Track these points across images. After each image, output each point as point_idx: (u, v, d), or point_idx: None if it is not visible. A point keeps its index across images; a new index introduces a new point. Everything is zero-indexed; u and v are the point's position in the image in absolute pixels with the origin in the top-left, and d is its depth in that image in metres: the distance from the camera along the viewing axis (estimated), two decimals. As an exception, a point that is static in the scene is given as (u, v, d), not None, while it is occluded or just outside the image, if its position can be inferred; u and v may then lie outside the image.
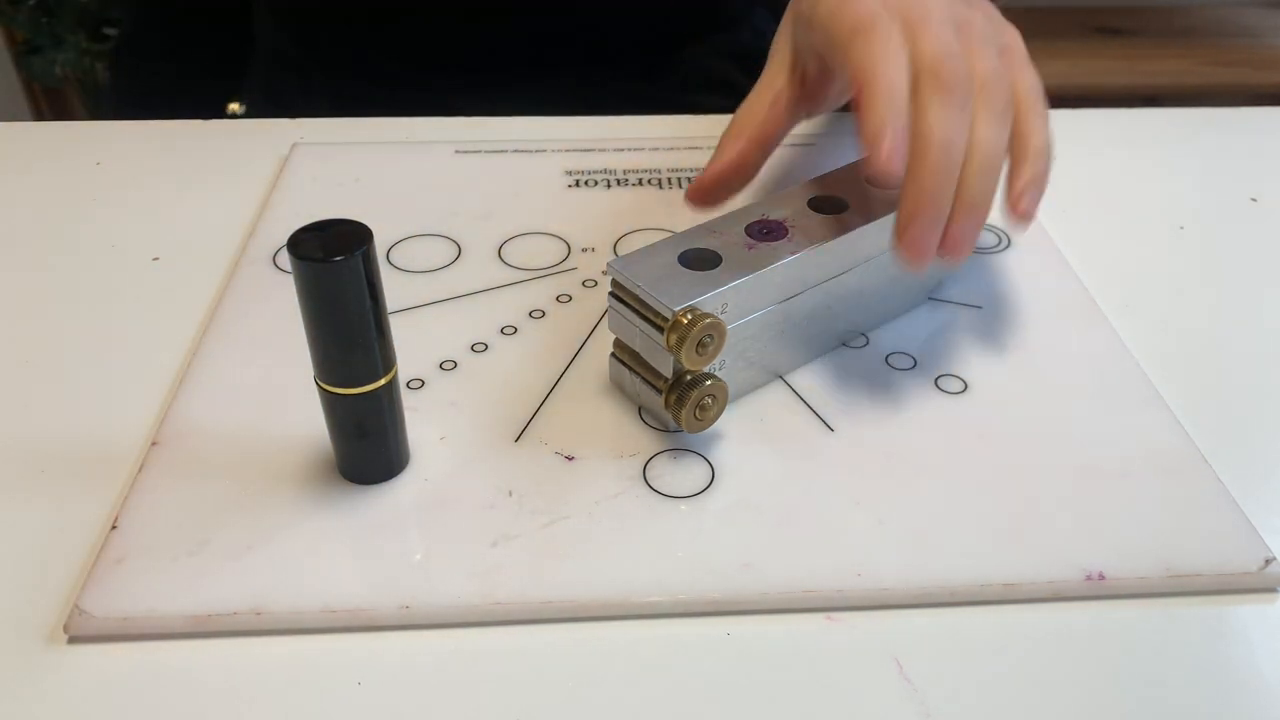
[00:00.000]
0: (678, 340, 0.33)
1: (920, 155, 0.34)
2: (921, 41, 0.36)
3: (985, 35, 0.38)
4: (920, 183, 0.34)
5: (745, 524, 0.33)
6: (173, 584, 0.31)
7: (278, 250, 0.46)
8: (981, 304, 0.43)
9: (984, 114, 0.36)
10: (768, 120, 0.41)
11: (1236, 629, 0.31)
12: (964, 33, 0.37)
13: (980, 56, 0.37)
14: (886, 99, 0.35)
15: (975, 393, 0.39)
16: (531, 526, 0.33)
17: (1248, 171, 0.55)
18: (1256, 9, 1.85)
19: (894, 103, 0.35)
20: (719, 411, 0.36)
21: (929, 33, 0.36)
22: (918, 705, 0.29)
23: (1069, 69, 1.65)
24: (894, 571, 0.32)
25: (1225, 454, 0.37)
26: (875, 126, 0.34)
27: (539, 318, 0.42)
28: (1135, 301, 0.45)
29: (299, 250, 0.29)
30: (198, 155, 0.54)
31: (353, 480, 0.34)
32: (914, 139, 0.34)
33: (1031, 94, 0.39)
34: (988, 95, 0.36)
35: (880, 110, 0.34)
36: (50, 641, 0.30)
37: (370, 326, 0.31)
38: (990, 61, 0.37)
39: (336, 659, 0.30)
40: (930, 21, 0.37)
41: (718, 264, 0.35)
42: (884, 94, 0.35)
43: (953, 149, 0.34)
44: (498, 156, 0.54)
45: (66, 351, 0.40)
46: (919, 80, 0.35)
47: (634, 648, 0.30)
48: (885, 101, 0.35)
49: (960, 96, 0.35)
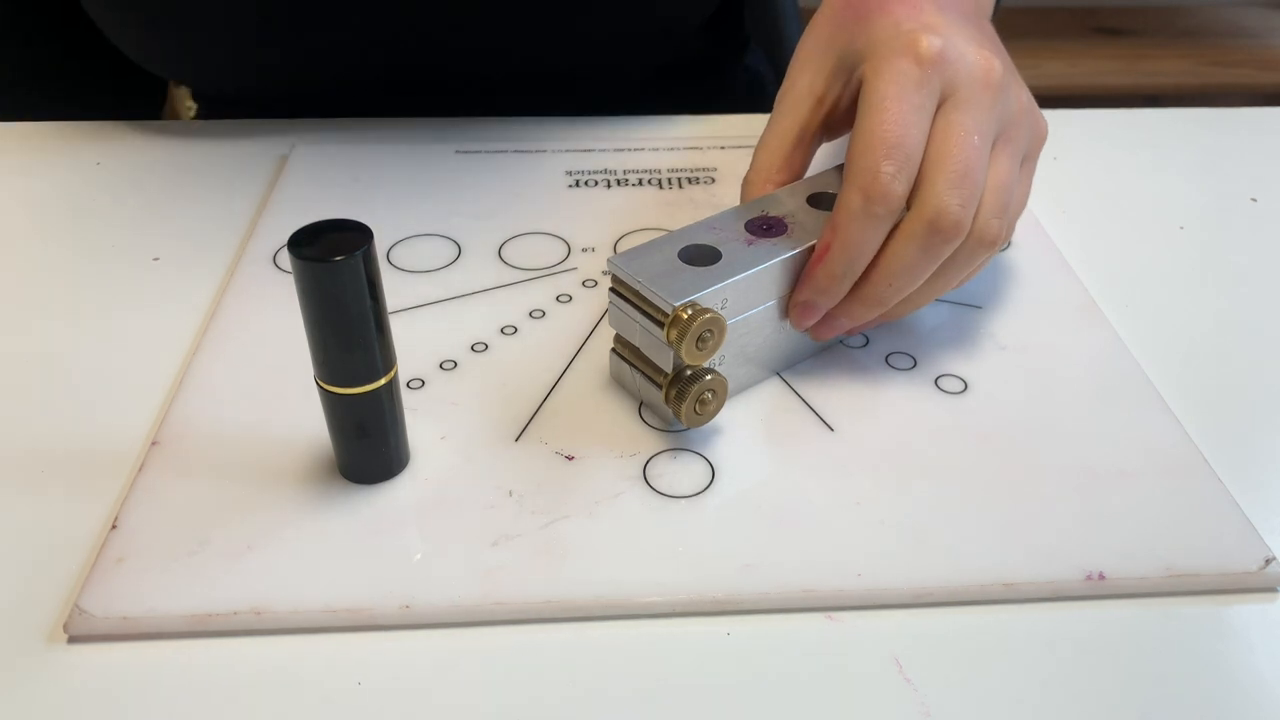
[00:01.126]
0: (678, 335, 0.33)
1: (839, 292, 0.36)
2: (945, 168, 0.34)
3: (1021, 148, 0.37)
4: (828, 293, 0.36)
5: (745, 524, 0.33)
6: (173, 584, 0.31)
7: (278, 250, 0.46)
8: (981, 304, 0.43)
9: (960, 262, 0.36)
10: (793, 162, 0.40)
11: (1236, 629, 0.31)
12: (1005, 144, 0.36)
13: (999, 186, 0.36)
14: (841, 270, 0.35)
15: (975, 393, 0.39)
16: (531, 526, 0.33)
17: (1248, 171, 0.55)
18: (1257, 9, 1.85)
19: (845, 276, 0.36)
20: (719, 406, 0.36)
21: (957, 159, 0.34)
22: (918, 705, 0.29)
23: (1069, 69, 1.65)
24: (894, 571, 0.32)
25: (1225, 454, 0.37)
26: (810, 296, 0.37)
27: (539, 318, 0.42)
28: (1135, 301, 0.45)
29: (299, 250, 0.29)
30: (198, 155, 0.54)
31: (353, 480, 0.34)
32: (875, 272, 0.36)
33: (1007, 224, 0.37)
34: (976, 242, 0.36)
35: (828, 277, 0.36)
36: (50, 641, 0.30)
37: (370, 326, 0.31)
38: (1004, 196, 0.36)
39: (336, 659, 0.30)
40: (986, 117, 0.35)
41: (718, 259, 0.35)
42: (841, 261, 0.35)
43: (904, 289, 0.36)
44: (498, 156, 0.54)
45: (66, 351, 0.40)
46: (911, 223, 0.35)
47: (634, 648, 0.30)
48: (840, 270, 0.35)
49: (943, 250, 0.35)
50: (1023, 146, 0.38)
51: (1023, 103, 0.38)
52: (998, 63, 0.36)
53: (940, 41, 0.35)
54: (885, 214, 0.34)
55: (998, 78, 0.36)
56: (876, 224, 0.34)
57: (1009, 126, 0.37)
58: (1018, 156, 0.37)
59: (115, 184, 0.51)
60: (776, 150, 0.40)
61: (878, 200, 0.34)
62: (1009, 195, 0.36)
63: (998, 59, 0.36)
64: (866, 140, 0.34)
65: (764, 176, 0.40)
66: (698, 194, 0.51)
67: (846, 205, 0.35)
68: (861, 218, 0.34)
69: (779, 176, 0.40)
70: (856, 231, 0.35)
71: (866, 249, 0.35)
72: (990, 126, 0.36)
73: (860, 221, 0.34)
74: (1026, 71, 0.41)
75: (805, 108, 0.40)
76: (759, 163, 0.40)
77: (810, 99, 0.40)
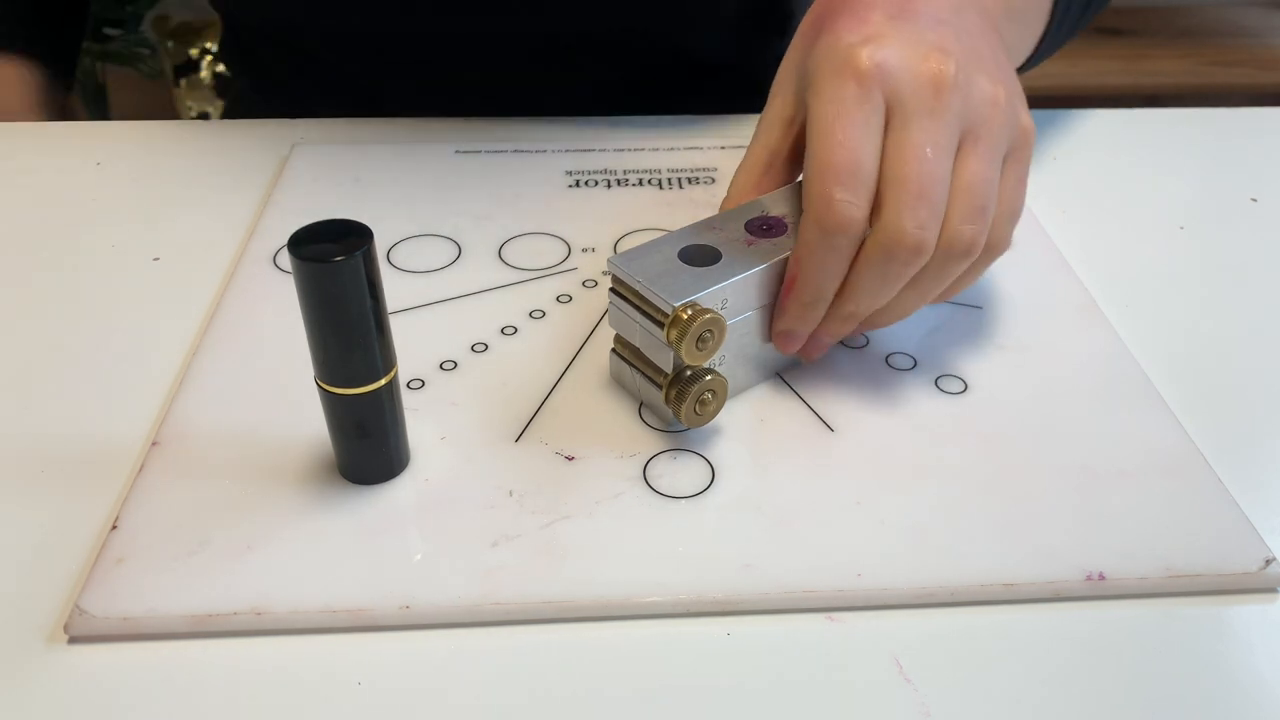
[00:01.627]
0: (678, 335, 0.33)
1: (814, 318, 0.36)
2: (900, 189, 0.33)
3: (994, 144, 0.35)
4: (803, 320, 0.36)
5: (745, 524, 0.33)
6: (173, 584, 0.31)
7: (278, 250, 0.46)
8: (981, 304, 0.43)
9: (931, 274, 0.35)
10: (764, 187, 0.40)
11: (1236, 629, 0.31)
12: (973, 143, 0.35)
13: (970, 189, 0.34)
14: (810, 298, 0.35)
15: (975, 393, 0.39)
16: (531, 526, 0.33)
17: (1248, 171, 0.55)
18: (1257, 9, 1.85)
19: (816, 303, 0.36)
20: (719, 407, 0.36)
21: (911, 179, 0.33)
22: (918, 705, 0.29)
23: (1069, 69, 1.65)
24: (894, 571, 0.32)
25: (1225, 454, 0.37)
26: (787, 326, 0.37)
27: (539, 318, 0.42)
28: (1135, 301, 0.45)
29: (299, 250, 0.29)
30: (198, 155, 0.54)
31: (353, 480, 0.34)
32: (843, 293, 0.36)
33: (999, 229, 0.36)
34: (945, 254, 0.34)
35: (799, 306, 0.36)
36: (50, 641, 0.30)
37: (370, 326, 0.31)
38: (980, 197, 0.34)
39: (336, 659, 0.30)
40: (932, 123, 0.34)
41: (718, 260, 0.35)
42: (809, 291, 0.35)
43: (864, 307, 0.36)
44: (498, 156, 0.54)
45: (66, 351, 0.40)
46: (871, 247, 0.34)
47: (634, 648, 0.30)
48: (809, 299, 0.36)
49: (904, 273, 0.34)
50: (998, 144, 0.35)
51: (997, 100, 0.35)
52: (950, 64, 0.34)
53: (880, 53, 0.34)
54: (845, 242, 0.34)
55: (949, 79, 0.34)
56: (836, 254, 0.34)
57: (976, 125, 0.35)
58: (993, 154, 0.35)
59: (115, 184, 0.51)
60: (746, 177, 0.40)
61: (834, 230, 0.33)
62: (984, 197, 0.34)
63: (951, 61, 0.34)
64: (817, 169, 0.34)
65: (735, 203, 0.40)
66: (698, 194, 0.51)
67: (805, 239, 0.34)
68: (821, 249, 0.34)
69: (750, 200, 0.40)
70: (818, 263, 0.34)
71: (831, 276, 0.35)
72: (945, 134, 0.34)
73: (820, 253, 0.34)
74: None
75: (775, 133, 0.39)
76: (731, 190, 0.40)
77: (780, 124, 0.39)
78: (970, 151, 0.35)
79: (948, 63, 0.34)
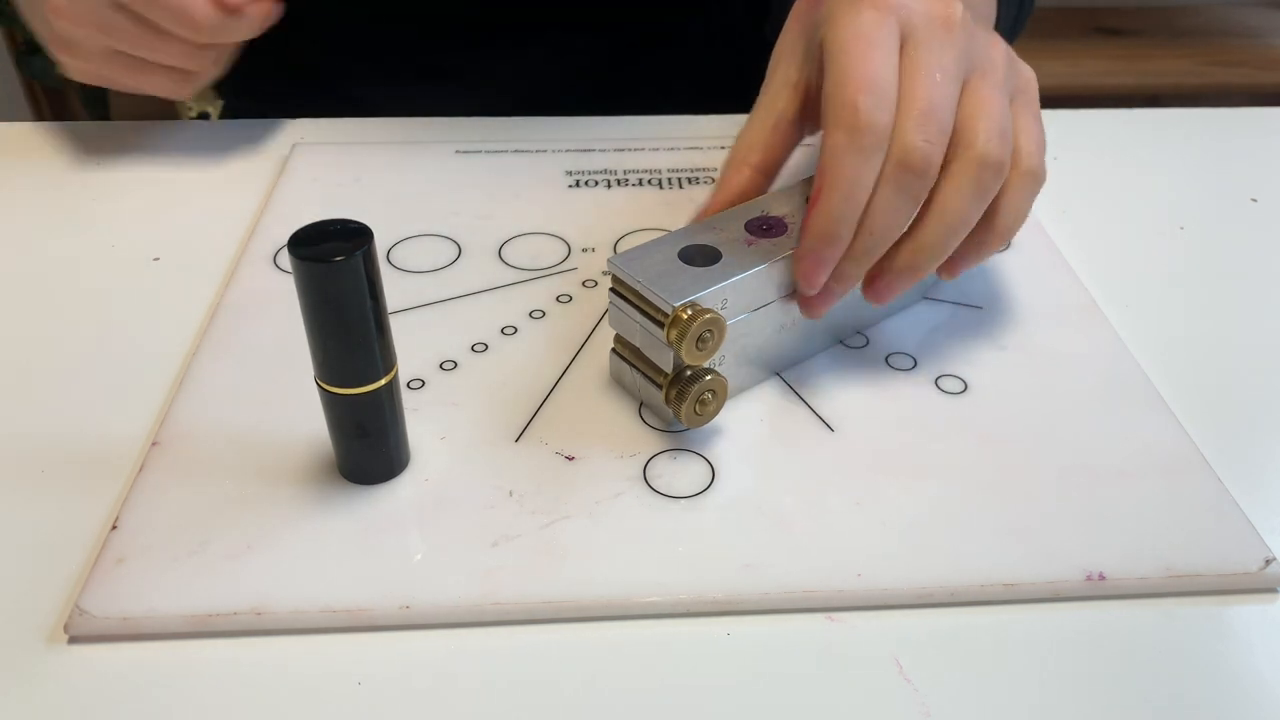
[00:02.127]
0: (678, 335, 0.33)
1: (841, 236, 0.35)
2: (909, 108, 0.34)
3: (1000, 81, 0.37)
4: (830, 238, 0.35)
5: (745, 524, 0.33)
6: (173, 584, 0.31)
7: (278, 250, 0.46)
8: (981, 304, 0.43)
9: (964, 183, 0.35)
10: (770, 146, 0.40)
11: (1236, 629, 0.31)
12: (981, 77, 0.36)
13: (987, 113, 0.35)
14: (839, 210, 0.34)
15: (975, 393, 0.39)
16: (531, 526, 0.33)
17: (1248, 171, 0.55)
18: (1257, 9, 1.85)
19: (843, 219, 0.35)
20: (719, 407, 0.36)
21: (920, 98, 0.34)
22: (918, 705, 0.29)
23: (1069, 69, 1.65)
24: (894, 571, 0.32)
25: (1225, 454, 0.37)
26: (811, 245, 0.35)
27: (539, 318, 0.42)
28: (1135, 301, 0.45)
29: (299, 250, 0.29)
30: (198, 155, 0.54)
31: (353, 480, 0.34)
32: (860, 222, 0.35)
33: (1026, 155, 0.37)
34: (981, 163, 0.35)
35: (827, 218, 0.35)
36: (50, 641, 0.30)
37: (370, 326, 0.31)
38: (998, 118, 0.35)
39: (336, 659, 0.30)
40: (945, 51, 0.35)
41: (718, 260, 0.35)
42: (837, 200, 0.34)
43: (888, 235, 0.35)
44: (498, 156, 0.54)
45: (66, 351, 0.40)
46: (885, 166, 0.34)
47: (634, 648, 0.30)
48: (837, 211, 0.34)
49: (917, 188, 0.35)
50: (1003, 81, 0.37)
51: (999, 48, 0.38)
52: (958, 6, 0.36)
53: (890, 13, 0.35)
54: (872, 145, 0.34)
55: (958, 17, 0.36)
56: (865, 157, 0.34)
57: (982, 63, 0.36)
58: (1000, 88, 0.37)
59: (115, 184, 0.51)
60: (752, 134, 0.40)
61: (862, 132, 0.34)
62: (1001, 118, 0.35)
63: (958, 5, 0.36)
64: (838, 82, 0.34)
65: (739, 158, 0.40)
66: (698, 194, 0.51)
67: (832, 146, 0.34)
68: (850, 152, 0.34)
69: (753, 159, 0.40)
70: (847, 167, 0.34)
71: (860, 185, 0.34)
72: (953, 63, 0.35)
73: (849, 156, 0.34)
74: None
75: (782, 97, 0.40)
76: (734, 147, 0.40)
77: (786, 88, 0.40)
78: (979, 83, 0.36)
79: (955, 5, 0.36)
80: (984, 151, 0.35)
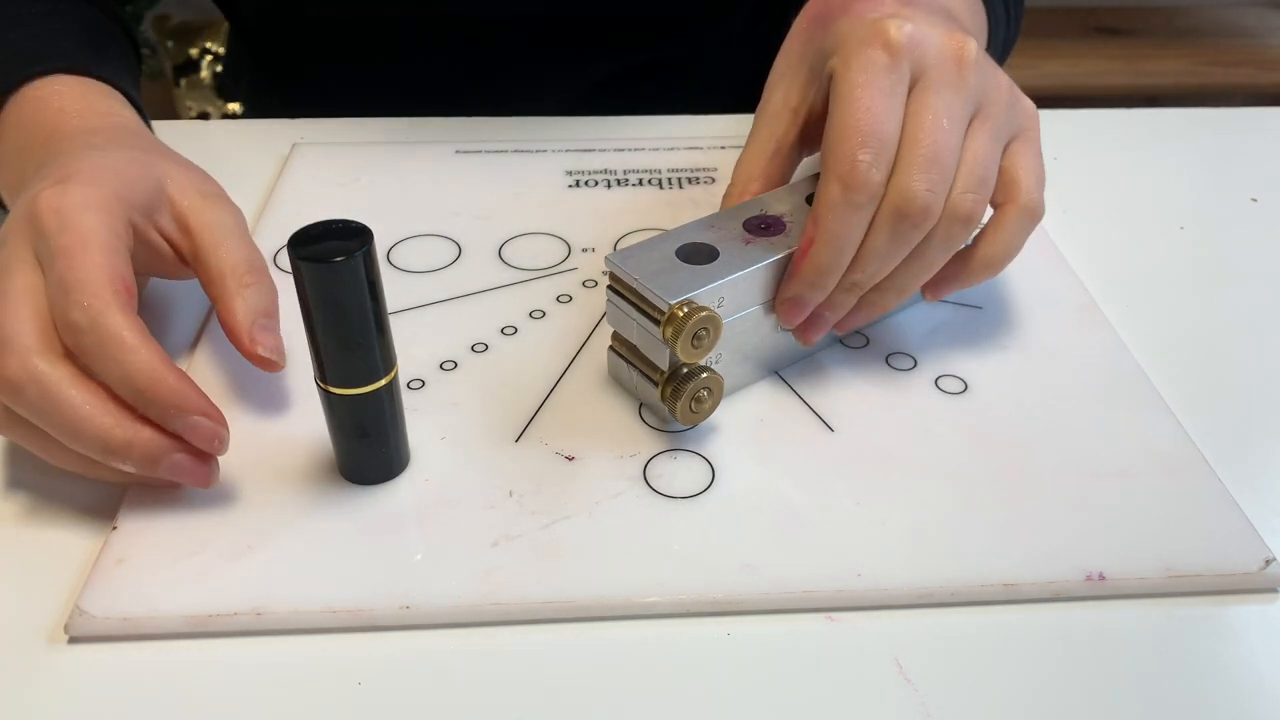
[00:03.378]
0: (673, 333, 0.33)
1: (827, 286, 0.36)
2: (913, 153, 0.34)
3: (1000, 124, 0.37)
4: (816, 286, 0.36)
5: (745, 524, 0.33)
6: (173, 584, 0.31)
7: (278, 250, 0.46)
8: (981, 304, 0.43)
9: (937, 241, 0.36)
10: (768, 175, 0.40)
11: (1236, 629, 0.31)
12: (982, 120, 0.36)
13: (970, 163, 0.35)
14: (827, 261, 0.35)
15: (975, 393, 0.39)
16: (531, 526, 0.33)
17: (1248, 171, 0.55)
18: (1256, 9, 1.85)
19: (832, 267, 0.35)
20: (714, 405, 0.36)
21: (925, 144, 0.34)
22: (918, 705, 0.29)
23: (1069, 69, 1.65)
24: (894, 571, 0.32)
25: (1225, 454, 0.37)
26: (797, 291, 0.36)
27: (539, 318, 0.42)
28: (1135, 301, 0.45)
29: (299, 250, 0.29)
30: (198, 155, 0.54)
31: (353, 480, 0.34)
32: (853, 260, 0.35)
33: (1024, 191, 0.37)
34: (950, 220, 0.35)
35: (815, 270, 0.35)
36: (50, 641, 0.30)
37: (370, 326, 0.31)
38: (981, 171, 0.35)
39: (336, 659, 0.30)
40: (955, 97, 0.35)
41: (715, 258, 0.35)
42: (826, 254, 0.35)
43: (878, 276, 0.36)
44: (498, 156, 0.54)
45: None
46: (882, 208, 0.34)
47: (634, 648, 0.30)
48: (826, 262, 0.35)
49: (913, 236, 0.35)
50: (1003, 125, 0.37)
51: (1002, 83, 0.38)
52: (971, 44, 0.36)
53: (909, 26, 0.35)
54: (865, 201, 0.34)
55: (971, 56, 0.36)
56: (857, 212, 0.34)
57: (986, 104, 0.37)
58: (997, 134, 0.37)
59: (115, 184, 0.51)
60: (752, 163, 0.40)
61: (857, 189, 0.34)
62: (986, 170, 0.36)
63: (971, 41, 0.36)
64: (841, 130, 0.34)
65: (739, 189, 0.40)
66: (698, 194, 0.51)
67: (826, 197, 0.34)
68: (842, 207, 0.34)
69: (754, 187, 0.40)
70: (838, 222, 0.34)
71: (850, 239, 0.35)
72: (961, 107, 0.35)
73: (841, 211, 0.34)
74: (1026, 71, 0.41)
75: (781, 122, 0.40)
76: (735, 176, 0.41)
77: (786, 112, 0.40)
78: (979, 128, 0.36)
79: (969, 42, 0.36)
80: (957, 202, 0.35)
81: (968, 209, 0.35)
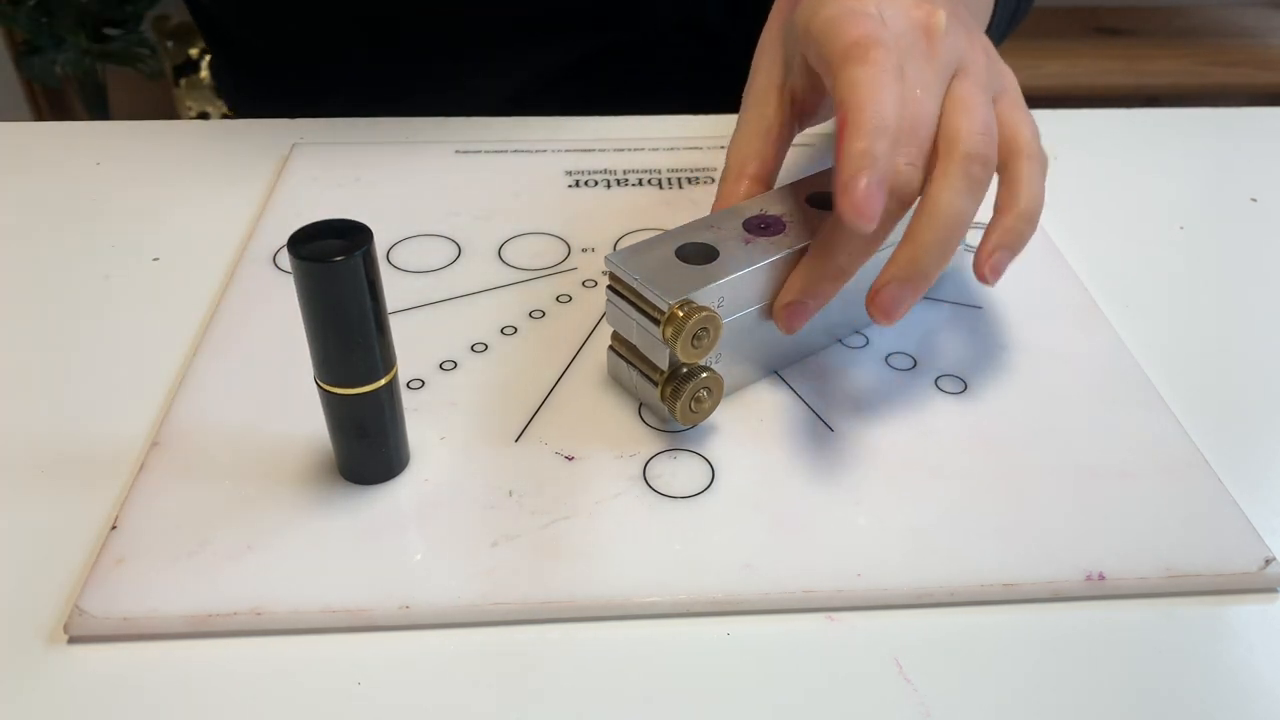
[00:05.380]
0: (673, 333, 0.33)
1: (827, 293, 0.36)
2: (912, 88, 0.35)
3: (984, 81, 0.37)
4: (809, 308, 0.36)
5: (745, 524, 0.33)
6: (173, 584, 0.31)
7: (278, 250, 0.46)
8: (981, 304, 0.43)
9: (956, 181, 0.34)
10: (763, 155, 0.40)
11: (1236, 629, 0.31)
12: (963, 78, 0.36)
13: (972, 109, 0.35)
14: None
15: (975, 393, 0.39)
16: (531, 526, 0.33)
17: (1248, 171, 0.55)
18: (1256, 9, 1.85)
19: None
20: (714, 405, 0.36)
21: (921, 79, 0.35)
22: (918, 705, 0.29)
23: (1069, 69, 1.65)
24: (894, 571, 0.32)
25: (1225, 454, 0.37)
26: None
27: (539, 318, 0.42)
28: (1135, 301, 0.45)
29: (299, 250, 0.29)
30: (198, 155, 0.54)
31: (353, 480, 0.34)
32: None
33: (1027, 142, 0.37)
34: (968, 158, 0.35)
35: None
36: (50, 641, 0.30)
37: (370, 326, 0.31)
38: (982, 115, 0.35)
39: (336, 659, 0.30)
40: (925, 65, 0.35)
41: (715, 258, 0.35)
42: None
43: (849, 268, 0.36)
44: (498, 156, 0.54)
45: (66, 351, 0.40)
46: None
47: (634, 648, 0.30)
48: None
49: (898, 213, 0.35)
50: (986, 82, 0.37)
51: (980, 48, 0.38)
52: (939, 13, 0.36)
53: (872, 4, 0.35)
54: (896, 207, 0.34)
55: (939, 25, 0.36)
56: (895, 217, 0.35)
57: (965, 65, 0.36)
58: (984, 87, 0.37)
59: (115, 184, 0.51)
60: (745, 144, 0.40)
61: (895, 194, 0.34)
62: (986, 116, 0.35)
63: (940, 11, 0.36)
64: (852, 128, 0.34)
65: (735, 172, 0.40)
66: (698, 194, 0.51)
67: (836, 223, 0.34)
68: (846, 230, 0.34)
69: (750, 169, 0.40)
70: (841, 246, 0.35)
71: (864, 242, 0.35)
72: (934, 76, 0.35)
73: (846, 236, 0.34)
74: (1026, 71, 0.41)
75: (770, 101, 0.40)
76: (729, 159, 0.40)
77: (772, 91, 0.40)
78: (960, 84, 0.36)
79: (936, 12, 0.36)
80: (970, 147, 0.35)
81: (983, 150, 0.35)
